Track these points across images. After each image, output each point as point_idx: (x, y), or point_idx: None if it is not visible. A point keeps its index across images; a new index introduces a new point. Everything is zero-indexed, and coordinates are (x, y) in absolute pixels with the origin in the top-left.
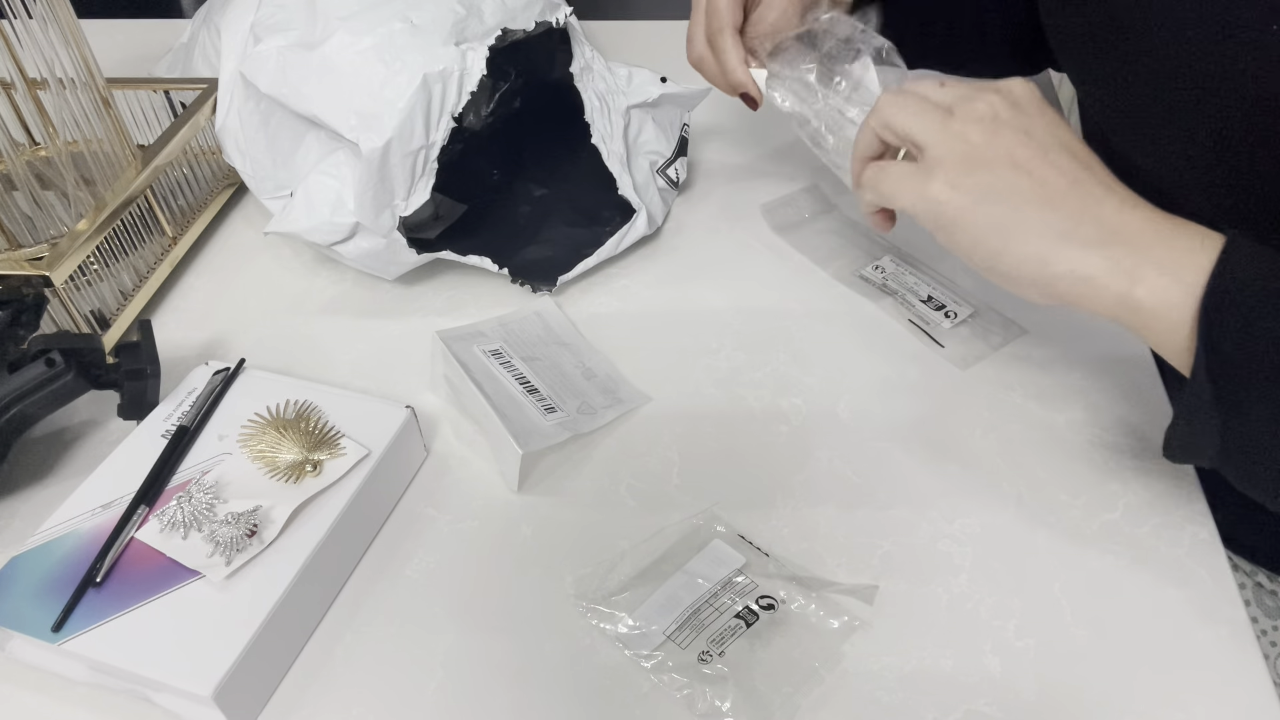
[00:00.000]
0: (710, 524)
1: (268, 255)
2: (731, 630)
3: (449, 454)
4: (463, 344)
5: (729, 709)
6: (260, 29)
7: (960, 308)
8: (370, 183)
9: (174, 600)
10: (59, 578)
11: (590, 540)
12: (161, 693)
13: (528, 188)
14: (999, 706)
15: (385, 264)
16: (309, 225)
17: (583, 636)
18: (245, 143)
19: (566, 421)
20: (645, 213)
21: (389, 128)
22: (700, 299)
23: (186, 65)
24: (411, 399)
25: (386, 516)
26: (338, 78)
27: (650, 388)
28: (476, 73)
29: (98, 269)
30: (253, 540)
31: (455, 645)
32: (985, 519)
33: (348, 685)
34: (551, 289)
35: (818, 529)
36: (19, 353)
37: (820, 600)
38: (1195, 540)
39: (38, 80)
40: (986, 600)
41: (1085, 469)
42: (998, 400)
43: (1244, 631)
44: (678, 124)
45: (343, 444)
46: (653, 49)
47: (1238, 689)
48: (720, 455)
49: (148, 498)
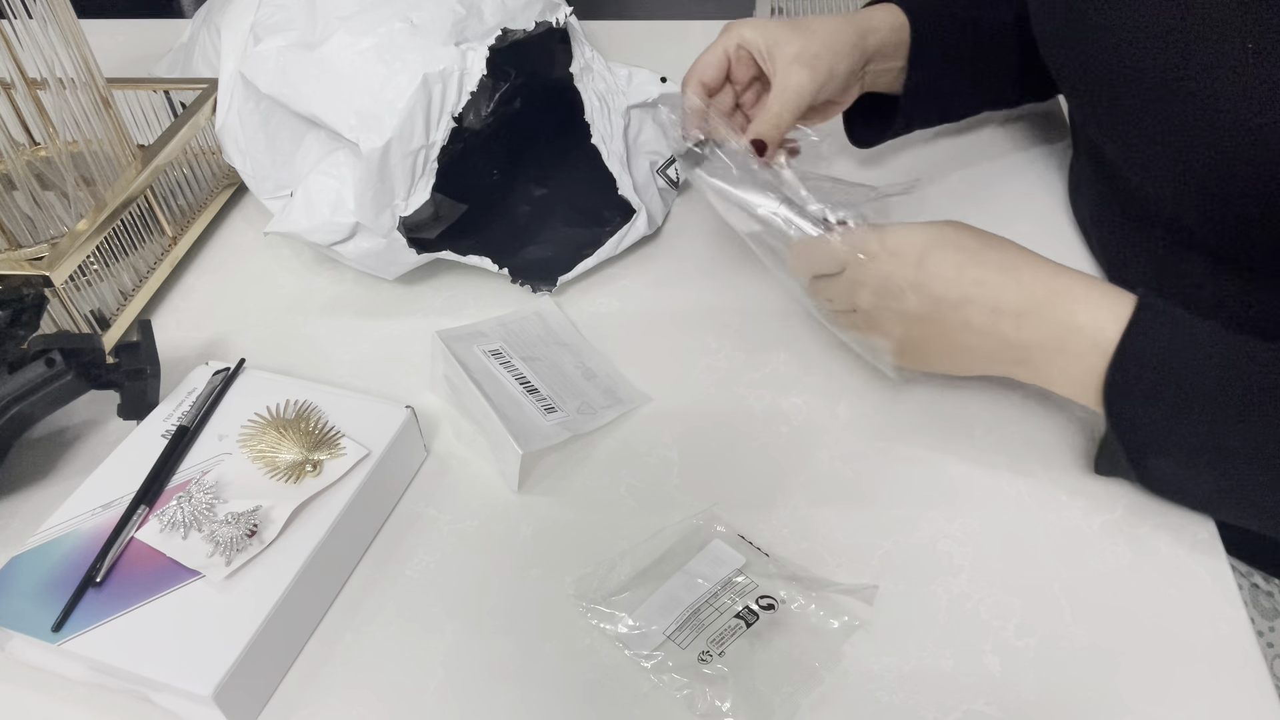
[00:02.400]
0: (710, 524)
1: (268, 255)
2: (731, 630)
3: (449, 454)
4: (463, 344)
5: (729, 709)
6: (260, 29)
7: None
8: (370, 183)
9: (174, 600)
10: (59, 578)
11: (590, 540)
12: (161, 693)
13: (528, 188)
14: (999, 706)
15: (385, 264)
16: (309, 225)
17: (583, 636)
18: (245, 143)
19: (566, 421)
20: (645, 213)
21: (389, 128)
22: (700, 299)
23: (186, 65)
24: (411, 399)
25: (386, 516)
26: (338, 78)
27: (650, 388)
28: (476, 73)
29: (98, 269)
30: (253, 540)
31: (455, 645)
32: (985, 519)
33: (348, 685)
34: (551, 289)
35: (818, 529)
36: (19, 353)
37: (820, 600)
38: (1195, 540)
39: (38, 80)
40: (986, 600)
41: (1085, 469)
42: (998, 400)
43: (1244, 631)
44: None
45: (343, 444)
46: (653, 49)
47: (1237, 689)
48: (720, 455)
49: (148, 498)
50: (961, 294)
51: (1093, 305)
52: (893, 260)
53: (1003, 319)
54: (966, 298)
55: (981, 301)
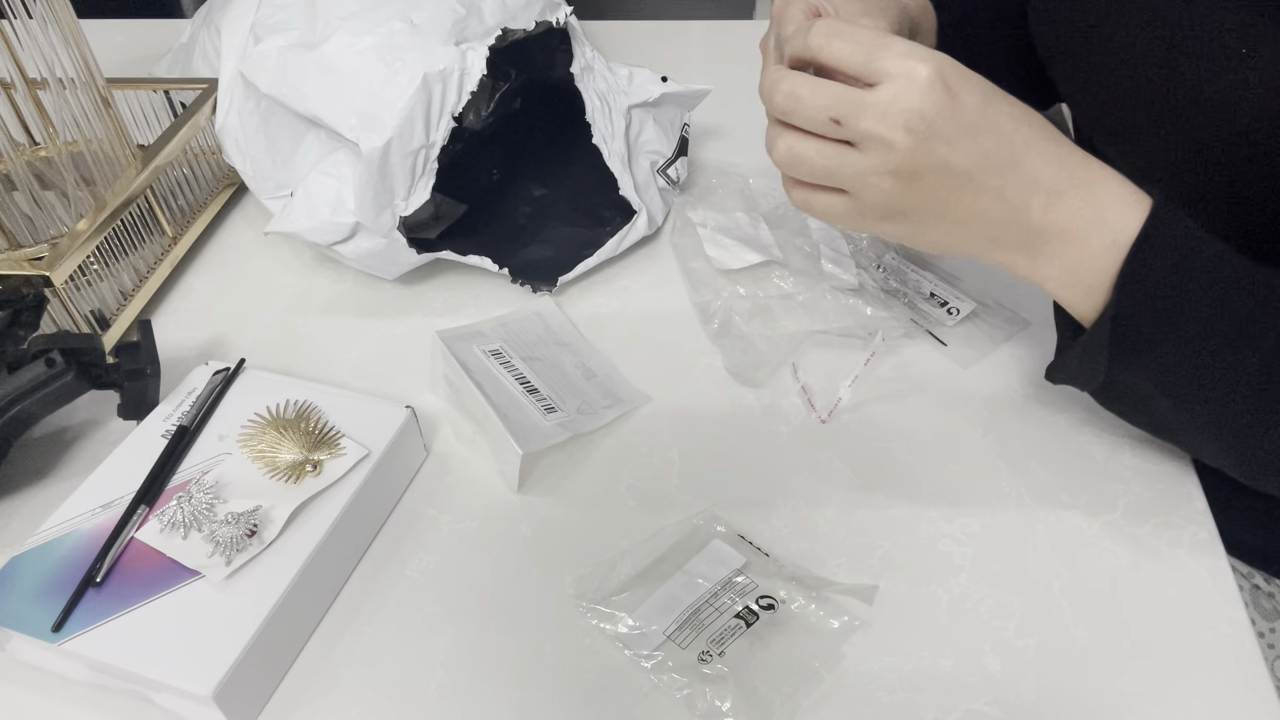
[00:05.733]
0: (710, 524)
1: (268, 255)
2: (731, 630)
3: (449, 454)
4: (463, 344)
5: (729, 709)
6: (260, 29)
7: (963, 303)
8: (370, 183)
9: (174, 600)
10: (59, 578)
11: (590, 540)
12: (161, 693)
13: (528, 188)
14: (999, 706)
15: (385, 264)
16: (309, 225)
17: (583, 636)
18: (245, 143)
19: (566, 421)
20: (646, 213)
21: (389, 128)
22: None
23: (186, 65)
24: (411, 399)
25: (386, 516)
26: (338, 78)
27: (650, 388)
28: (477, 73)
29: (98, 269)
30: (253, 540)
31: (455, 645)
32: (985, 519)
33: (348, 685)
34: (551, 289)
35: (818, 529)
36: (19, 353)
37: (820, 600)
38: (1195, 540)
39: (38, 80)
40: (986, 600)
41: (1085, 469)
42: (998, 400)
43: (1244, 632)
44: (678, 124)
45: (343, 444)
46: (653, 49)
47: (1237, 689)
48: (720, 455)
49: (148, 498)
50: (1012, 154)
51: (1124, 201)
52: (948, 96)
53: (1036, 194)
54: (1015, 159)
55: (1027, 168)
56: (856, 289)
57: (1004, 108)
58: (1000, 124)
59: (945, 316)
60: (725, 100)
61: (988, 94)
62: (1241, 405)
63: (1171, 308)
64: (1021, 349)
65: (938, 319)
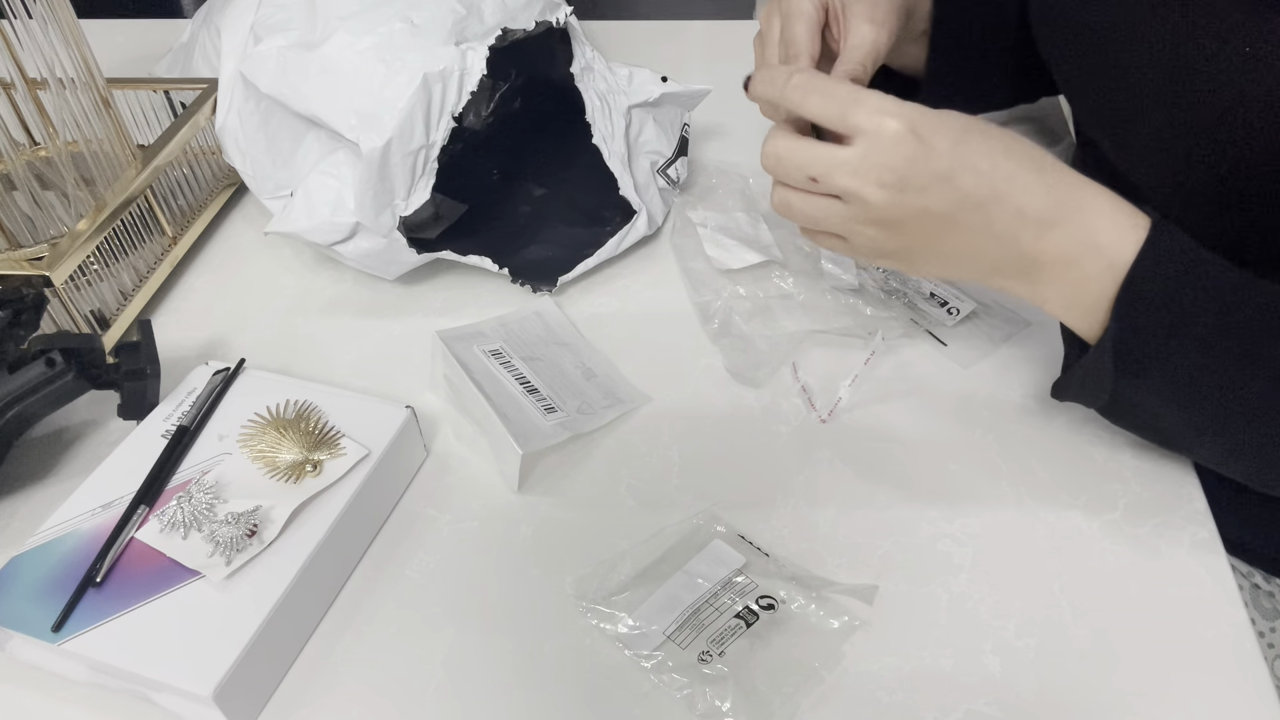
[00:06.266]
0: (710, 524)
1: (268, 255)
2: (731, 630)
3: (449, 454)
4: (463, 344)
5: (729, 709)
6: (260, 29)
7: (963, 303)
8: (370, 183)
9: (174, 600)
10: (59, 578)
11: (590, 540)
12: (161, 693)
13: (528, 188)
14: (999, 706)
15: (385, 264)
16: (309, 225)
17: (583, 636)
18: (245, 143)
19: (566, 421)
20: (646, 213)
21: (389, 128)
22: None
23: (186, 65)
24: (411, 399)
25: (386, 516)
26: (338, 78)
27: (650, 388)
28: (476, 72)
29: (98, 269)
30: (253, 540)
31: (455, 645)
32: (985, 519)
33: (348, 685)
34: (551, 289)
35: (818, 529)
36: (19, 353)
37: (820, 600)
38: (1195, 540)
39: (38, 80)
40: (986, 600)
41: (1085, 469)
42: (998, 400)
43: (1244, 631)
44: (678, 124)
45: (343, 444)
46: (653, 49)
47: (1238, 689)
48: (720, 455)
49: (148, 498)
50: (992, 190)
51: (1116, 225)
52: (919, 145)
53: (1025, 226)
54: (997, 195)
55: (1011, 202)
56: (856, 289)
57: (978, 145)
58: (976, 163)
59: (945, 316)
60: (725, 100)
61: (961, 134)
62: (1251, 415)
63: (1172, 327)
64: (1021, 349)
65: (938, 319)
